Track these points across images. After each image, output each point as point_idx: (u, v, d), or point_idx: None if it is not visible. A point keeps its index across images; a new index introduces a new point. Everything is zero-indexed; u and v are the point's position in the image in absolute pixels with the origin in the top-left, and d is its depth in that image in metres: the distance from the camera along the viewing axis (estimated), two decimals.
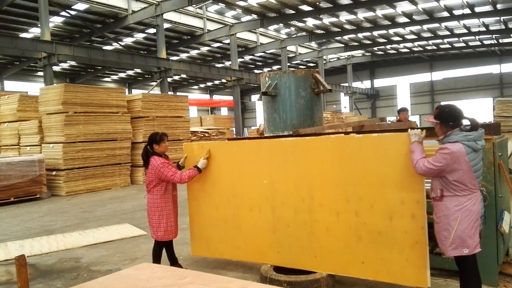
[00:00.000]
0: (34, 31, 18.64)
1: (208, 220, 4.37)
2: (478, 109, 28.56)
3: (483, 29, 22.05)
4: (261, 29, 22.86)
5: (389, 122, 6.27)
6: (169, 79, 19.06)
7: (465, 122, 2.91)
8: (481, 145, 2.83)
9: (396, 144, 3.20)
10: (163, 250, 4.46)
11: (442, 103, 30.41)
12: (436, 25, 21.31)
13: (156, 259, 4.36)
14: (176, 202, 4.44)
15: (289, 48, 25.49)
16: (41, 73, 20.28)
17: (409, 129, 3.05)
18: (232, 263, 4.67)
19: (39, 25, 14.51)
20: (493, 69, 29.66)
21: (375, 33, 23.19)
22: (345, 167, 3.47)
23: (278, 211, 3.85)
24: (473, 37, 24.26)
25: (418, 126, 3.16)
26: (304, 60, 29.29)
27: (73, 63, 23.08)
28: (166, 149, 4.39)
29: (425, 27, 21.60)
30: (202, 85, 36.05)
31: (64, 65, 24.43)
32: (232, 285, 2.74)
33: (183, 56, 26.06)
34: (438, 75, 31.99)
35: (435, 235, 2.97)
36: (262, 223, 3.94)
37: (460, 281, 2.98)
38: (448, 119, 2.87)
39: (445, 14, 19.07)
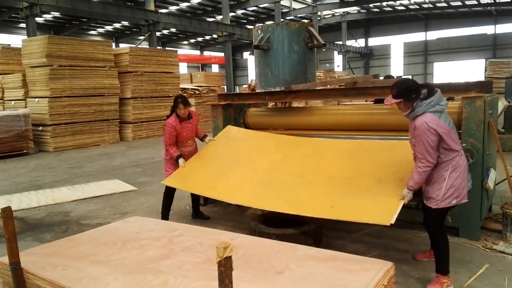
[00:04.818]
0: None
1: (197, 169, 4.29)
2: (470, 70, 28.44)
3: None
4: None
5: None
6: (157, 33, 18.40)
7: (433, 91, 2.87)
8: (444, 104, 2.83)
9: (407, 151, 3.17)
10: (170, 201, 4.57)
11: (435, 64, 29.89)
12: None
13: (164, 203, 4.55)
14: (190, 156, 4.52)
15: (283, 2, 24.60)
16: (23, 25, 19.39)
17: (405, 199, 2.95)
18: (222, 218, 4.73)
19: None
20: (488, 29, 29.26)
21: None
22: (354, 165, 3.62)
23: (272, 172, 3.89)
24: None
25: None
26: (298, 16, 28.42)
27: (56, 14, 22.05)
28: (183, 114, 4.37)
29: None
30: (192, 41, 34.98)
31: (48, 17, 23.35)
32: (222, 237, 2.76)
33: (172, 8, 25.01)
34: (433, 35, 31.50)
35: (424, 193, 2.95)
36: (251, 177, 3.92)
37: (429, 236, 3.03)
38: (410, 93, 2.82)
39: None
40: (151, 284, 2.09)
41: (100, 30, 28.31)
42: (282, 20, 24.66)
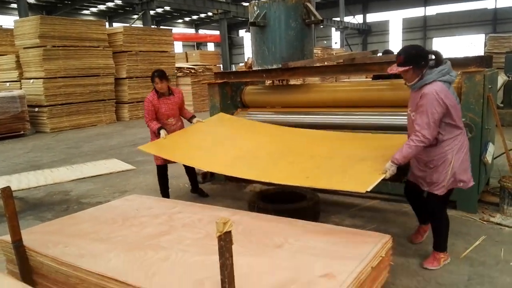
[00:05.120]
0: None
1: (179, 142, 4.18)
2: (469, 45, 28.17)
3: None
4: None
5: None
6: (151, 12, 18.02)
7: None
8: (454, 75, 2.67)
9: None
10: (165, 180, 4.57)
11: (435, 39, 29.39)
12: None
13: (160, 183, 4.58)
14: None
15: None
16: (14, 5, 18.97)
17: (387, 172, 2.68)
18: (221, 195, 4.76)
19: None
20: (488, 4, 28.81)
21: None
22: (340, 148, 3.55)
23: (255, 150, 3.78)
24: None
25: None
26: None
27: None
28: (161, 89, 4.27)
29: None
30: (187, 19, 34.36)
31: None
32: (222, 213, 2.79)
33: None
34: (432, 10, 31.01)
35: (425, 178, 2.80)
36: (231, 153, 3.79)
37: (430, 220, 3.00)
38: (419, 60, 2.61)
39: None
40: (152, 260, 2.12)
41: (93, 9, 27.71)
42: None
